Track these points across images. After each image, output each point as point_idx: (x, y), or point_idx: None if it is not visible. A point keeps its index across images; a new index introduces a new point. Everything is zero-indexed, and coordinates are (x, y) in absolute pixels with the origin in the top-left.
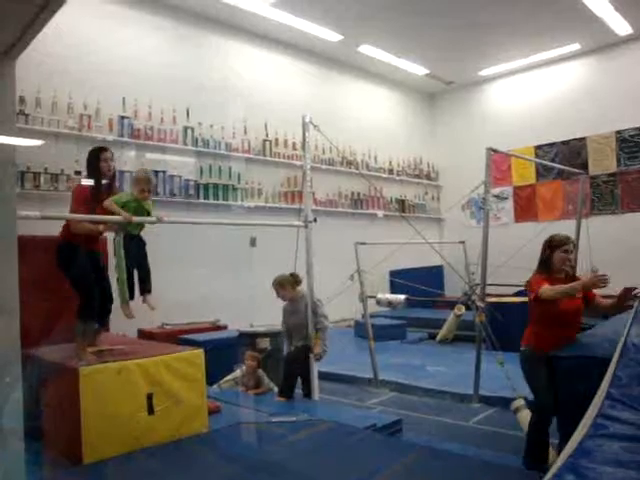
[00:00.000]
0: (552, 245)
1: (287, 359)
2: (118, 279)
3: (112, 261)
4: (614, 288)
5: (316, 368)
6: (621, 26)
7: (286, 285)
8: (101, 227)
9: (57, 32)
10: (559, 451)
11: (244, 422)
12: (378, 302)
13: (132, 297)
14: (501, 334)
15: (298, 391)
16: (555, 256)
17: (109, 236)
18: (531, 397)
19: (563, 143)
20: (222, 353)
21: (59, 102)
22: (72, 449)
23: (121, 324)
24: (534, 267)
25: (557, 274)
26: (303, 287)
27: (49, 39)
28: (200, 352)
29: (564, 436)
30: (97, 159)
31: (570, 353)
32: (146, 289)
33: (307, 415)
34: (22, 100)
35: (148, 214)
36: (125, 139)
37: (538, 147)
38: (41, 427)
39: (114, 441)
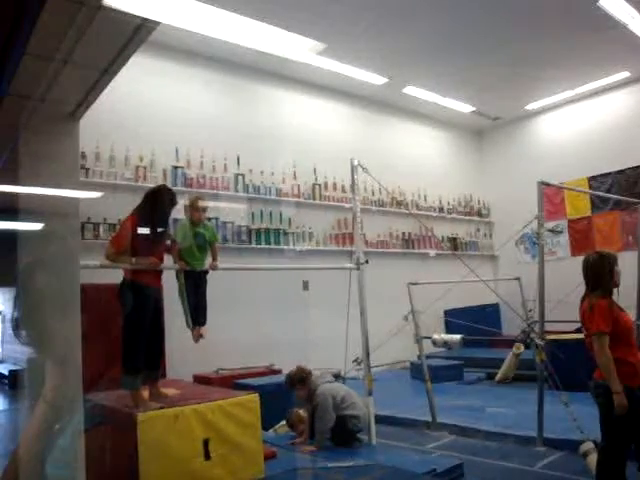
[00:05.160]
0: (612, 261)
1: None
2: (182, 303)
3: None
4: None
5: (373, 411)
6: None
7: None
8: (151, 260)
9: (113, 90)
10: None
11: (300, 468)
12: (434, 342)
13: (190, 326)
14: (564, 373)
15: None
16: (615, 272)
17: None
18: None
19: (618, 172)
20: (277, 397)
21: (116, 155)
22: None
23: (177, 369)
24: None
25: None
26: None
27: (106, 96)
28: (255, 397)
29: None
30: (167, 207)
31: None
32: (199, 322)
33: (365, 460)
34: (83, 155)
35: (208, 238)
36: (179, 188)
37: (592, 178)
38: (98, 473)
39: None
